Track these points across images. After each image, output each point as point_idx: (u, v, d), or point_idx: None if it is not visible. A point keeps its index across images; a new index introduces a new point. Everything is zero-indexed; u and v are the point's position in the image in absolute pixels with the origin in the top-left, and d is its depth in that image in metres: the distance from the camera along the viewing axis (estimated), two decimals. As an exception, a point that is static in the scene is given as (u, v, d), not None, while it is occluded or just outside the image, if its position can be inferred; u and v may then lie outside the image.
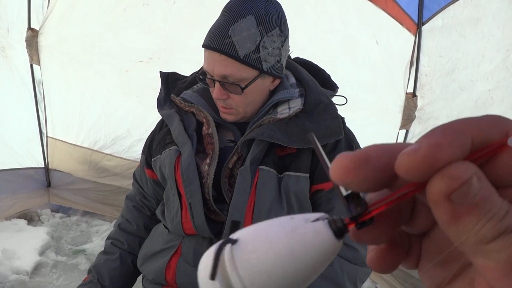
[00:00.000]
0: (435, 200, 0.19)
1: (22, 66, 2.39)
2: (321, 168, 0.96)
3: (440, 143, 0.19)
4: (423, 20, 2.12)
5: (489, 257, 0.18)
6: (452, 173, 0.18)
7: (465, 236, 0.18)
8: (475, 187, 0.18)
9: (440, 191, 0.18)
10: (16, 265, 2.10)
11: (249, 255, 0.24)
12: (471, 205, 0.18)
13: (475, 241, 0.18)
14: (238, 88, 0.91)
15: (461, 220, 0.18)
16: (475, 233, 0.18)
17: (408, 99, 2.25)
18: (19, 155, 2.50)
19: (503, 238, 0.18)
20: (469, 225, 0.18)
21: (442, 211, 0.19)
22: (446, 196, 0.18)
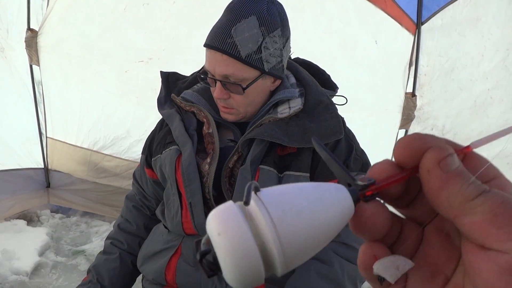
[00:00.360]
0: (429, 167, 0.24)
1: (21, 67, 2.39)
2: (322, 168, 0.96)
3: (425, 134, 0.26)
4: (422, 20, 2.12)
5: (474, 212, 0.22)
6: (441, 146, 0.24)
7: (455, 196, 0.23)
8: (456, 160, 0.24)
9: (432, 158, 0.24)
10: (15, 265, 2.10)
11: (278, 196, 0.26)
12: (456, 172, 0.23)
13: (462, 200, 0.23)
14: (239, 88, 0.91)
15: (450, 183, 0.23)
16: (462, 192, 0.23)
17: (407, 99, 2.25)
18: (18, 156, 2.50)
19: (484, 194, 0.22)
20: (456, 186, 0.23)
21: (434, 177, 0.24)
22: (437, 163, 0.24)
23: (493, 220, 0.21)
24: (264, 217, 0.25)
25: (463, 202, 0.22)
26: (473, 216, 0.22)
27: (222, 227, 0.25)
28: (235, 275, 0.25)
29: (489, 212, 0.22)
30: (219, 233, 0.25)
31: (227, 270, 0.25)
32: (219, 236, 0.25)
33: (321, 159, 0.96)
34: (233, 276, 0.25)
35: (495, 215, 0.21)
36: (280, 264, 0.25)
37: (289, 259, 0.25)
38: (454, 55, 2.13)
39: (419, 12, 2.10)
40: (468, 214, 0.22)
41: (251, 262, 0.24)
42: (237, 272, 0.25)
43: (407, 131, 2.34)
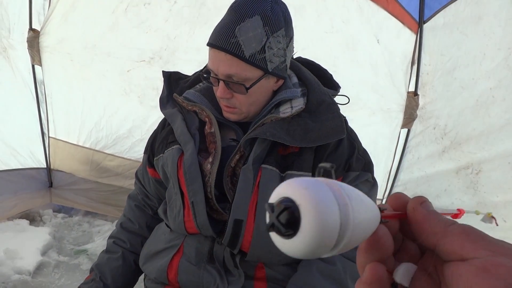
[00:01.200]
0: (414, 206, 0.33)
1: (23, 67, 2.40)
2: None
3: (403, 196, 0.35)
4: (425, 19, 2.11)
5: (453, 234, 0.30)
6: (418, 197, 0.34)
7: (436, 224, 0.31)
8: (431, 204, 0.33)
9: (416, 201, 0.33)
10: (18, 265, 2.11)
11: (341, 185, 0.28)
12: (433, 211, 0.32)
13: (442, 226, 0.31)
14: (242, 87, 0.91)
15: (431, 217, 0.32)
16: (441, 222, 0.31)
17: (409, 98, 2.25)
18: (21, 156, 2.51)
19: (454, 223, 0.31)
20: (436, 218, 0.31)
21: (418, 213, 0.32)
22: (419, 204, 0.33)
23: (467, 237, 0.29)
24: (342, 191, 0.27)
25: (443, 227, 0.30)
26: (452, 236, 0.30)
27: (307, 184, 0.26)
28: (315, 231, 0.25)
29: (463, 232, 0.29)
30: (305, 187, 0.26)
31: (309, 224, 0.25)
32: (306, 190, 0.26)
33: (323, 159, 0.96)
34: (312, 234, 0.25)
35: (467, 234, 0.29)
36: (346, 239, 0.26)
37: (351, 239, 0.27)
38: (456, 54, 2.13)
39: (421, 10, 2.10)
40: (448, 236, 0.30)
41: (332, 221, 0.25)
42: (318, 228, 0.25)
43: (409, 130, 2.34)
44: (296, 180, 0.27)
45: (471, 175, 2.24)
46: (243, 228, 0.93)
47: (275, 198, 0.27)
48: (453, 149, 2.26)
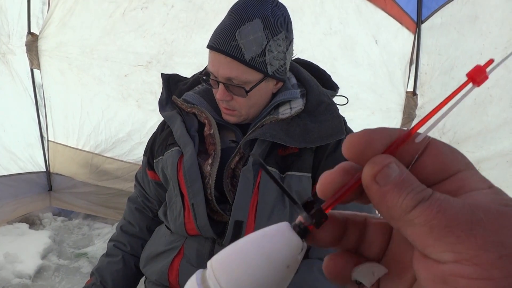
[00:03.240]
0: (366, 183, 0.24)
1: (22, 71, 2.40)
2: (324, 168, 0.97)
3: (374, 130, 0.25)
4: (422, 19, 2.12)
5: (413, 224, 0.22)
6: (375, 160, 0.23)
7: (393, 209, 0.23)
8: (394, 170, 0.23)
9: (368, 174, 0.23)
10: (18, 269, 2.11)
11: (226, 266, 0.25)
12: (393, 184, 0.23)
13: (400, 212, 0.22)
14: (242, 90, 0.91)
15: (387, 197, 0.23)
16: (399, 205, 0.22)
17: (408, 97, 2.26)
18: (20, 160, 2.51)
19: (420, 205, 0.22)
20: (393, 200, 0.22)
21: (372, 192, 0.23)
22: (373, 179, 0.23)
23: (430, 232, 0.21)
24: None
25: (402, 214, 0.22)
26: (412, 227, 0.22)
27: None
28: None
29: (425, 224, 0.21)
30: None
31: None
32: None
33: (323, 159, 0.97)
34: None
35: (431, 227, 0.21)
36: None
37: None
38: (454, 54, 2.14)
39: (419, 10, 2.11)
40: (408, 226, 0.22)
41: None
42: None
43: (408, 130, 2.34)
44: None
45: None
46: (243, 229, 0.93)
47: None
48: (453, 149, 2.26)
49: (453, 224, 0.21)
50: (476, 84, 0.24)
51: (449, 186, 0.24)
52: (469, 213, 0.21)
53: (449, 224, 0.21)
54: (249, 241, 0.26)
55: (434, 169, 0.24)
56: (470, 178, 0.24)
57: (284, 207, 0.95)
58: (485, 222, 0.21)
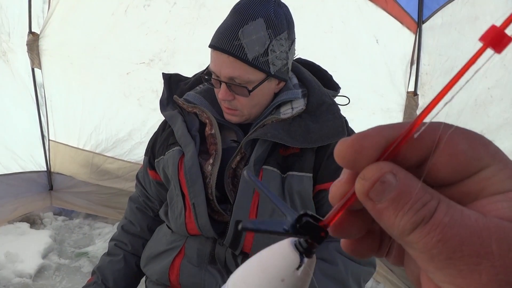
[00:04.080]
0: (361, 200, 0.21)
1: (23, 70, 2.40)
2: (325, 168, 0.97)
3: (366, 134, 0.21)
4: (423, 19, 2.12)
5: (412, 247, 0.19)
6: (365, 175, 0.20)
7: (390, 229, 0.20)
8: (389, 183, 0.20)
9: (359, 192, 0.20)
10: (19, 268, 2.11)
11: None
12: (389, 201, 0.19)
13: (398, 234, 0.20)
14: (245, 90, 0.91)
15: (383, 216, 0.20)
16: (396, 226, 0.19)
17: (409, 98, 2.26)
18: (21, 159, 2.51)
19: (420, 228, 0.19)
20: (390, 220, 0.20)
21: (369, 209, 0.21)
22: (366, 196, 0.20)
23: (431, 260, 0.19)
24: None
25: (400, 236, 0.20)
26: (413, 251, 0.20)
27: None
28: None
29: (426, 252, 0.19)
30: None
31: None
32: None
33: (324, 160, 0.97)
34: None
35: (431, 256, 0.19)
36: None
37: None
38: (454, 54, 2.14)
39: (420, 10, 2.11)
40: (409, 248, 0.20)
41: None
42: None
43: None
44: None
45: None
46: (244, 229, 0.93)
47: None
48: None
49: (456, 257, 0.18)
50: (497, 50, 0.19)
51: (469, 187, 0.20)
52: (478, 244, 0.18)
53: (451, 256, 0.18)
54: (257, 255, 0.26)
55: (449, 171, 0.20)
56: (495, 177, 0.20)
57: (285, 207, 0.95)
58: (495, 256, 0.18)
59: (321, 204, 1.00)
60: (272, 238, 0.93)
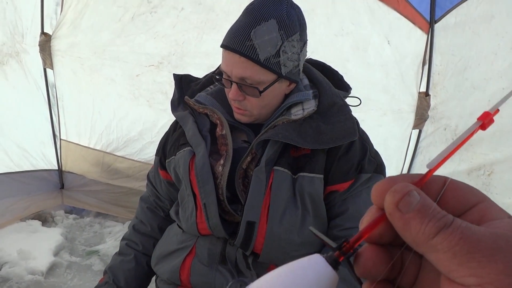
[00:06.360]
0: (389, 211, 0.25)
1: (36, 70, 2.43)
2: (336, 169, 0.96)
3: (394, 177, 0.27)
4: (436, 18, 2.09)
5: (436, 250, 0.23)
6: (396, 189, 0.25)
7: (416, 236, 0.24)
8: (415, 197, 0.25)
9: (390, 203, 0.25)
10: (31, 265, 2.14)
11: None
12: (415, 211, 0.24)
13: (424, 239, 0.24)
14: (256, 91, 0.91)
15: (410, 224, 0.24)
16: (422, 232, 0.24)
17: (421, 98, 2.23)
18: (33, 158, 2.54)
19: (443, 231, 0.23)
20: (417, 227, 0.24)
21: (395, 219, 0.25)
22: (395, 206, 0.25)
23: (453, 257, 0.23)
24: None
25: (425, 241, 0.24)
26: (436, 253, 0.23)
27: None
28: None
29: (449, 250, 0.23)
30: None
31: None
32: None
33: (335, 161, 0.96)
34: None
35: (454, 253, 0.23)
36: None
37: None
38: (467, 54, 2.11)
39: (432, 10, 2.08)
40: (432, 252, 0.24)
41: None
42: None
43: (420, 131, 2.32)
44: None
45: (483, 177, 2.21)
46: (255, 230, 0.93)
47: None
48: (465, 150, 2.23)
49: (475, 251, 0.22)
50: (482, 129, 0.28)
51: (471, 216, 0.26)
52: (491, 241, 0.22)
53: (471, 250, 0.22)
54: (285, 272, 0.28)
55: (455, 202, 0.26)
56: (490, 209, 0.26)
57: (296, 208, 0.94)
58: (505, 250, 0.22)
59: (332, 205, 0.99)
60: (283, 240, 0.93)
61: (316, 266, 0.27)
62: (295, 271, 0.27)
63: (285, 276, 0.27)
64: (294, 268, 0.27)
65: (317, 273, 0.27)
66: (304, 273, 0.27)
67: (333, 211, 0.99)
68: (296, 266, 0.28)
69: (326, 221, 1.00)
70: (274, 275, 0.28)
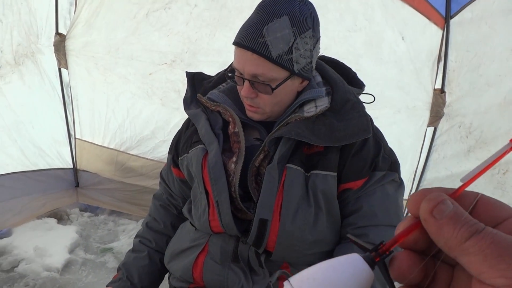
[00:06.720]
0: (424, 217, 0.28)
1: (51, 70, 2.47)
2: (350, 167, 0.95)
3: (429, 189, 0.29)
4: (451, 14, 2.05)
5: (468, 253, 0.25)
6: (430, 197, 0.28)
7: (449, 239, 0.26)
8: (448, 205, 0.27)
9: (425, 209, 0.28)
10: (47, 262, 2.18)
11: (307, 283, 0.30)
12: (448, 218, 0.27)
13: (457, 243, 0.26)
14: (268, 88, 0.90)
15: (444, 229, 0.27)
16: (455, 236, 0.26)
17: (436, 95, 2.19)
18: (49, 156, 2.59)
19: (475, 236, 0.25)
20: (450, 231, 0.26)
21: (430, 225, 0.27)
22: (430, 213, 0.27)
23: (485, 260, 0.24)
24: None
25: (458, 244, 0.26)
26: (468, 256, 0.25)
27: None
28: None
29: (480, 253, 0.25)
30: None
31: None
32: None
33: (349, 158, 0.95)
34: None
35: (485, 256, 0.24)
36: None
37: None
38: (482, 50, 2.06)
39: (448, 5, 2.04)
40: (464, 255, 0.26)
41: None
42: None
43: (435, 128, 2.28)
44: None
45: (498, 175, 2.17)
46: (268, 227, 0.93)
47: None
48: (479, 148, 2.19)
49: (505, 254, 0.24)
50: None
51: (502, 229, 0.27)
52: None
53: (501, 253, 0.24)
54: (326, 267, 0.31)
55: (487, 216, 0.28)
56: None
57: (309, 206, 0.94)
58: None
59: (345, 204, 0.98)
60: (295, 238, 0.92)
61: (354, 263, 0.30)
62: (335, 266, 0.30)
63: (325, 270, 0.30)
64: (333, 264, 0.30)
65: (355, 269, 0.30)
66: (343, 269, 0.30)
67: (347, 209, 0.98)
68: (335, 262, 0.31)
69: (339, 219, 0.99)
70: (315, 269, 0.31)
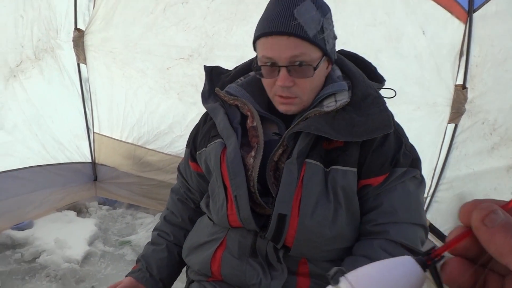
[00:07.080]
0: (476, 225, 0.29)
1: (70, 65, 2.52)
2: (370, 163, 0.94)
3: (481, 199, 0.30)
4: (475, 7, 2.00)
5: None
6: (482, 207, 0.29)
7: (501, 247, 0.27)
8: (500, 215, 0.28)
9: (477, 218, 0.29)
10: (67, 254, 2.22)
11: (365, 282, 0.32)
12: (500, 226, 0.28)
13: (508, 249, 0.27)
14: (309, 68, 0.90)
15: (495, 237, 0.28)
16: (507, 243, 0.27)
17: (457, 91, 2.14)
18: (68, 150, 2.64)
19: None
20: (501, 239, 0.27)
21: (481, 233, 0.28)
22: (481, 221, 0.28)
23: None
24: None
25: (509, 251, 0.27)
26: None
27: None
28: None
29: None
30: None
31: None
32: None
33: (369, 154, 0.93)
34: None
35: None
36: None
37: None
38: (508, 44, 2.00)
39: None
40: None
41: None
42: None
43: (456, 125, 2.23)
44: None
45: (522, 174, 2.11)
46: (287, 223, 0.92)
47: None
48: (504, 146, 2.13)
49: None
50: None
51: None
52: None
53: None
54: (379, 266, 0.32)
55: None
56: None
57: (328, 202, 0.93)
58: None
59: (365, 200, 0.97)
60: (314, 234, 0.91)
61: (407, 264, 0.32)
62: (389, 265, 0.32)
63: (380, 268, 0.32)
64: (388, 263, 0.32)
65: (408, 270, 0.32)
66: (396, 269, 0.32)
67: (366, 206, 0.97)
68: (390, 262, 0.32)
69: (359, 215, 0.98)
70: (371, 266, 0.32)
